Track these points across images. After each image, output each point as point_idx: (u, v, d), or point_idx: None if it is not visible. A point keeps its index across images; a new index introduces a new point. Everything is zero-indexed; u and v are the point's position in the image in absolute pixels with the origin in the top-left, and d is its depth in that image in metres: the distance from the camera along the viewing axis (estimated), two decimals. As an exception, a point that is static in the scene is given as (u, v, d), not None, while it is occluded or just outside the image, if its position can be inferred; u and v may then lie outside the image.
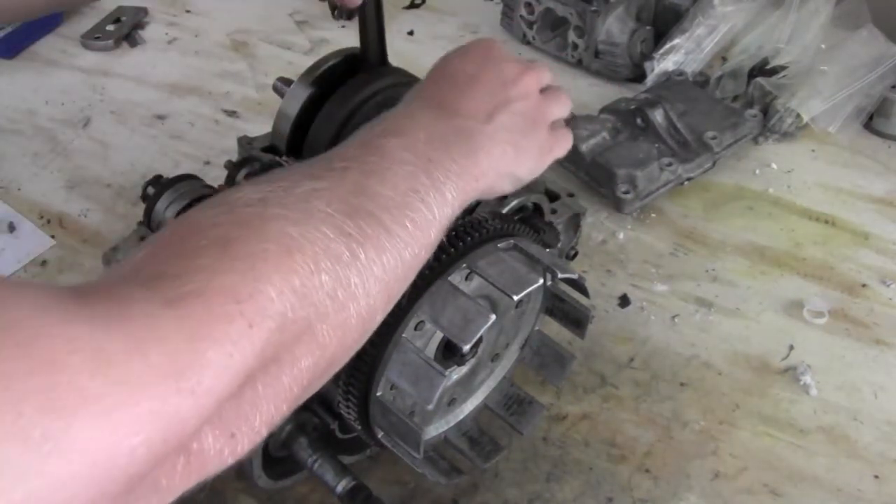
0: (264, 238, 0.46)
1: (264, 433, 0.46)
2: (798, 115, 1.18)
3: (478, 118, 0.63)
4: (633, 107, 1.16)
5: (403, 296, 0.65)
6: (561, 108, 0.71)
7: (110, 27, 1.41)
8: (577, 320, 0.79)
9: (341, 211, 0.50)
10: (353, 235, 0.50)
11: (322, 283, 0.47)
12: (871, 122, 1.22)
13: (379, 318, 0.53)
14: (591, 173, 1.12)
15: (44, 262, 1.05)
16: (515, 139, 0.65)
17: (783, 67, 1.23)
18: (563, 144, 0.71)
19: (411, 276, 0.55)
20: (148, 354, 0.38)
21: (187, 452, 0.41)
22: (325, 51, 0.84)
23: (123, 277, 0.43)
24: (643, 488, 0.84)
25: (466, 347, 0.67)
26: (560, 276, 0.69)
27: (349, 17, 1.42)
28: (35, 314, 0.36)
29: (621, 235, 1.08)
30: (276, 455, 0.78)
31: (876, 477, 0.85)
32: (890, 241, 1.08)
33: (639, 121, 1.15)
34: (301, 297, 0.45)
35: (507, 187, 0.66)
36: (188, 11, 1.46)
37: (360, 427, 0.71)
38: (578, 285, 0.73)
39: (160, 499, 0.41)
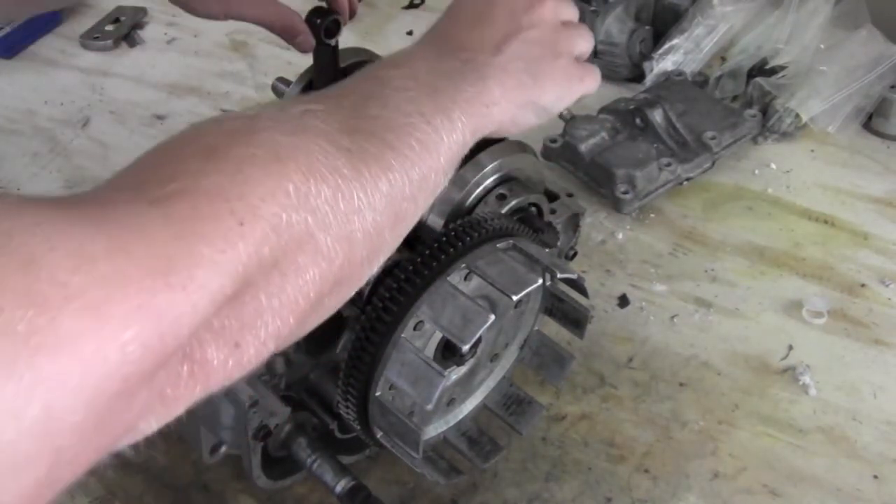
0: (253, 144, 0.44)
1: (271, 347, 0.44)
2: (797, 115, 1.18)
3: (485, 50, 0.60)
4: (632, 107, 1.16)
5: (403, 294, 0.65)
6: (584, 43, 0.68)
7: (109, 27, 1.40)
8: (576, 320, 0.79)
9: (339, 130, 0.48)
10: (353, 151, 0.48)
11: (319, 191, 0.45)
12: (870, 122, 1.22)
13: (388, 236, 0.51)
14: (590, 173, 1.12)
15: (43, 262, 1.05)
16: (532, 67, 0.62)
17: (782, 67, 1.23)
18: (593, 76, 0.68)
19: (422, 200, 0.53)
20: (132, 252, 0.36)
21: (191, 361, 0.40)
22: (324, 51, 0.84)
23: (110, 184, 0.42)
24: (642, 488, 0.84)
25: (466, 347, 0.67)
26: (559, 276, 0.69)
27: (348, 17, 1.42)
28: (8, 215, 0.35)
29: (620, 235, 1.08)
30: (275, 455, 0.78)
31: (875, 477, 0.85)
32: (889, 241, 1.08)
33: (638, 121, 1.15)
34: (296, 201, 0.44)
35: (531, 118, 0.63)
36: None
37: (359, 427, 0.71)
38: (578, 285, 0.73)
39: (166, 409, 0.40)
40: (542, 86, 0.62)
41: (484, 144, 0.69)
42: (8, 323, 0.32)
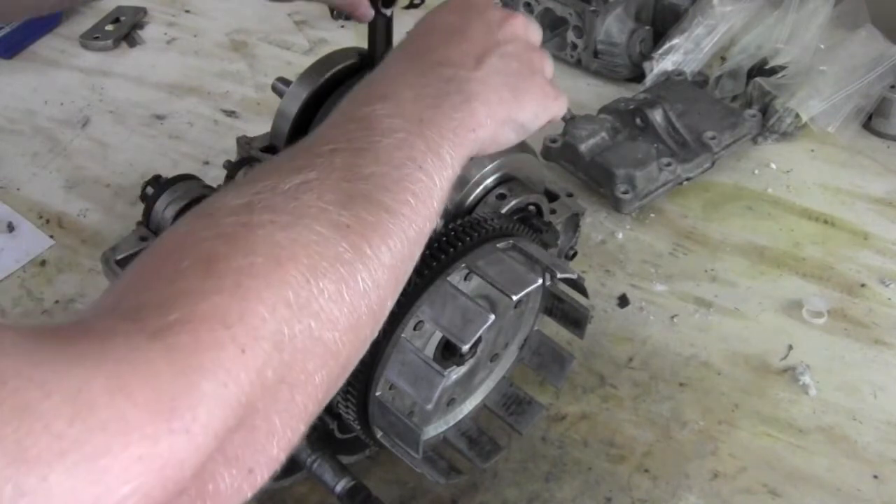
0: (251, 251, 0.42)
1: (283, 458, 0.43)
2: (797, 115, 1.18)
3: (466, 65, 0.59)
4: (632, 107, 1.16)
5: (403, 294, 0.65)
6: (550, 65, 0.67)
7: (109, 27, 1.40)
8: (576, 320, 0.79)
9: (336, 202, 0.46)
10: (353, 227, 0.46)
11: (322, 288, 0.43)
12: (870, 122, 1.22)
13: (389, 305, 0.50)
14: (590, 173, 1.12)
15: (43, 262, 1.05)
16: (511, 82, 0.61)
17: (782, 67, 1.23)
18: (563, 98, 0.67)
19: (418, 253, 0.52)
20: (133, 393, 0.34)
21: (203, 497, 0.38)
22: (324, 51, 0.84)
23: (104, 310, 0.40)
24: (642, 488, 0.84)
25: (465, 347, 0.67)
26: (559, 276, 0.69)
27: (348, 17, 1.42)
28: (3, 356, 0.33)
29: (620, 235, 1.08)
30: (275, 455, 0.77)
31: (875, 477, 0.85)
32: (889, 241, 1.08)
33: (638, 121, 1.15)
34: (298, 309, 0.42)
35: (511, 136, 0.62)
36: (187, 11, 1.46)
37: (359, 427, 0.71)
38: (577, 285, 0.73)
39: None
40: (520, 101, 0.62)
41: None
42: None
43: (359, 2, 0.78)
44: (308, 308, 0.43)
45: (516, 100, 0.61)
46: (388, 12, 0.78)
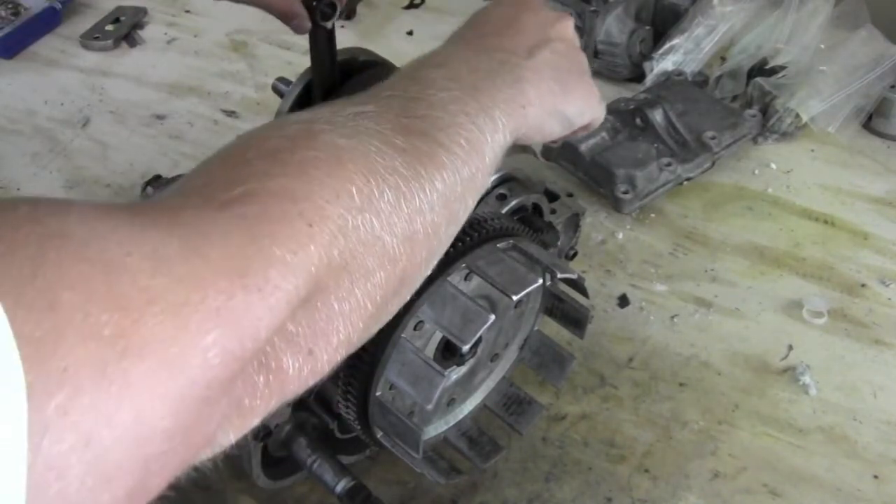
0: (314, 147, 0.44)
1: (343, 353, 0.44)
2: (797, 115, 1.18)
3: (519, 54, 0.61)
4: (632, 107, 1.16)
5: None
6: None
7: (109, 27, 1.40)
8: (576, 320, 0.79)
9: (392, 129, 0.48)
10: (408, 151, 0.48)
11: (382, 192, 0.45)
12: (870, 122, 1.22)
13: (443, 236, 0.51)
14: (590, 173, 1.12)
15: (43, 262, 1.05)
16: (560, 76, 0.63)
17: (782, 67, 1.23)
18: (604, 103, 0.69)
19: (470, 199, 0.53)
20: (206, 255, 0.36)
21: (267, 370, 0.40)
22: (324, 51, 0.84)
23: (172, 193, 0.42)
24: (642, 488, 0.84)
25: (466, 347, 0.67)
26: (559, 275, 0.69)
27: (348, 17, 1.42)
28: (84, 223, 0.34)
29: (620, 235, 1.08)
30: (275, 455, 0.78)
31: (875, 477, 0.85)
32: (889, 241, 1.08)
33: (638, 121, 1.15)
34: (360, 203, 0.43)
35: (556, 128, 0.63)
36: (187, 11, 1.46)
37: (359, 427, 0.71)
38: (578, 285, 0.73)
39: (242, 421, 0.40)
40: (568, 95, 0.63)
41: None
42: (95, 326, 0.31)
43: (293, 11, 0.79)
44: (370, 204, 0.44)
45: (564, 93, 0.63)
46: (328, 24, 0.77)
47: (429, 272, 0.52)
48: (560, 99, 0.62)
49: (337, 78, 0.79)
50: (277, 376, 0.40)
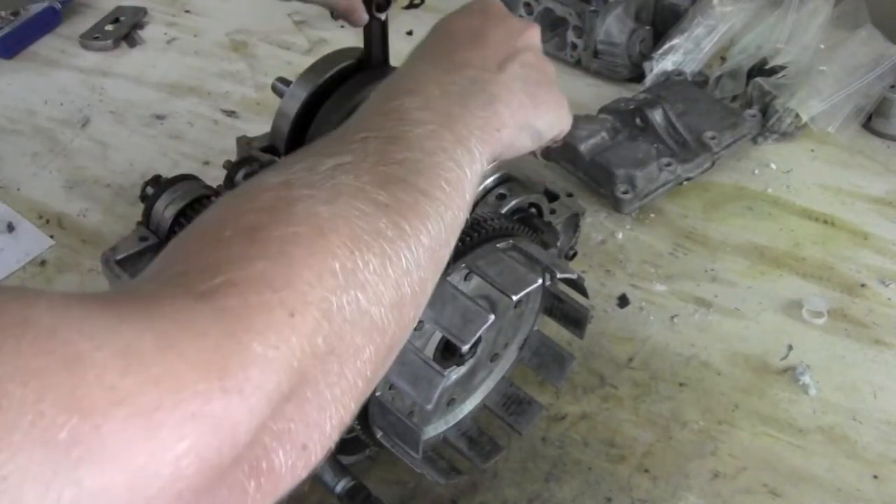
0: (293, 222, 0.42)
1: (336, 438, 0.42)
2: (797, 115, 1.18)
3: (489, 68, 0.60)
4: (632, 107, 1.16)
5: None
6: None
7: (109, 27, 1.40)
8: (576, 320, 0.79)
9: (372, 182, 0.46)
10: (391, 206, 0.46)
11: (367, 262, 0.43)
12: (870, 122, 1.22)
13: (430, 289, 0.49)
14: (590, 173, 1.12)
15: (43, 263, 1.05)
16: (530, 89, 0.62)
17: (782, 67, 1.23)
18: (572, 114, 0.68)
19: (453, 240, 0.51)
20: (184, 351, 0.34)
21: (258, 474, 0.37)
22: (324, 51, 0.84)
23: (147, 279, 0.40)
24: (642, 488, 0.84)
25: (465, 347, 0.67)
26: (559, 276, 0.69)
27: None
28: (52, 311, 0.32)
29: (620, 235, 1.08)
30: (275, 455, 0.77)
31: (875, 477, 0.85)
32: (889, 241, 1.08)
33: (638, 121, 1.15)
34: (344, 281, 0.41)
35: (527, 142, 0.62)
36: (187, 11, 1.46)
37: (358, 427, 0.71)
38: (577, 285, 0.73)
39: None
40: (538, 109, 0.62)
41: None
42: (48, 430, 0.28)
43: (353, 6, 0.79)
44: (354, 279, 0.42)
45: (535, 107, 0.62)
46: (382, 16, 0.78)
47: (414, 326, 0.50)
48: (531, 113, 0.62)
49: (388, 54, 0.81)
50: (270, 478, 0.38)
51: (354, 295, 0.42)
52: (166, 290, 0.37)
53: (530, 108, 0.61)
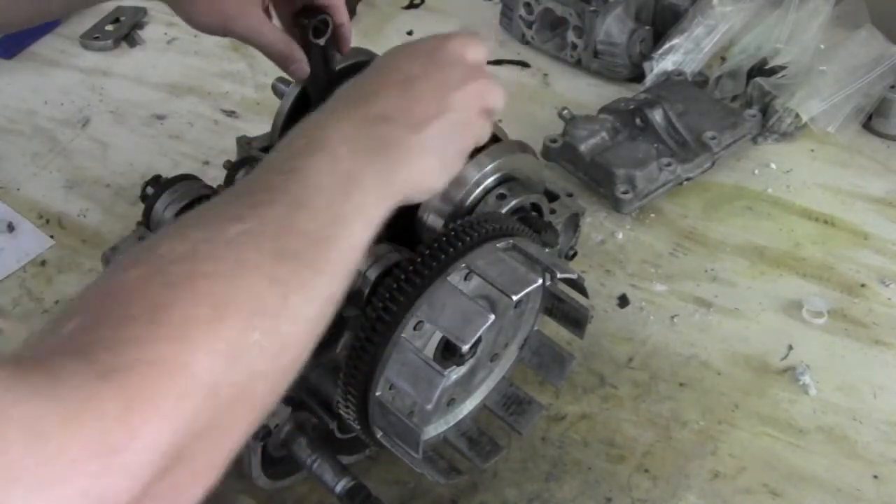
0: (194, 302, 0.45)
1: (202, 497, 0.46)
2: (797, 115, 1.18)
3: (408, 125, 0.60)
4: (632, 107, 1.16)
5: (403, 294, 0.65)
6: (499, 104, 0.67)
7: (109, 27, 1.40)
8: (576, 320, 0.79)
9: (273, 254, 0.49)
10: (288, 283, 0.49)
11: (255, 341, 0.46)
12: (870, 122, 1.22)
13: (305, 357, 0.52)
14: (590, 173, 1.12)
15: (43, 262, 1.05)
16: (442, 153, 0.62)
17: (782, 67, 1.23)
18: (483, 135, 0.67)
19: (332, 312, 0.54)
20: (83, 429, 0.37)
21: None
22: (324, 51, 0.84)
23: (56, 348, 0.42)
24: (642, 488, 0.84)
25: (465, 347, 0.67)
26: (559, 276, 0.69)
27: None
28: None
29: (620, 235, 1.08)
30: (275, 455, 0.78)
31: (875, 477, 0.85)
32: (889, 241, 1.08)
33: (638, 121, 1.15)
34: (233, 360, 0.45)
35: (417, 198, 0.63)
36: (187, 11, 1.46)
37: (359, 427, 0.71)
38: (577, 285, 0.73)
39: None
40: (441, 175, 0.63)
41: (483, 144, 0.69)
42: None
43: (292, 58, 0.78)
44: (242, 360, 0.45)
45: (440, 172, 0.63)
46: (321, 41, 0.77)
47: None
48: (432, 178, 0.62)
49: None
50: None
51: (240, 376, 0.45)
52: (71, 364, 0.40)
53: (436, 172, 0.62)
